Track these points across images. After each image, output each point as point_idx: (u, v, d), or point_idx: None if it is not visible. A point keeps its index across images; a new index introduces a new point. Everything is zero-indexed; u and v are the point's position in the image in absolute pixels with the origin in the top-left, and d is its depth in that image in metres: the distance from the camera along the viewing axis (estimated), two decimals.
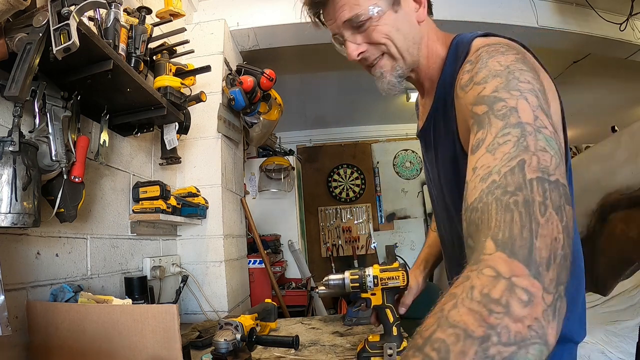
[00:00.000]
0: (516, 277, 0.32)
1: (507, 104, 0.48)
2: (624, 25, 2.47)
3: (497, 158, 0.43)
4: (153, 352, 0.77)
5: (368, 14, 0.68)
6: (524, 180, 0.40)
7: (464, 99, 0.58)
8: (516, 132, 0.45)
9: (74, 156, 0.96)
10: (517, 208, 0.37)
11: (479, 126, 0.50)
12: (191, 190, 1.74)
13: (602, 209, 1.33)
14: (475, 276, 0.33)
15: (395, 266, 0.92)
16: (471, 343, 0.29)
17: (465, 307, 0.32)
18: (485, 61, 0.58)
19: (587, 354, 2.07)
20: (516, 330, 0.30)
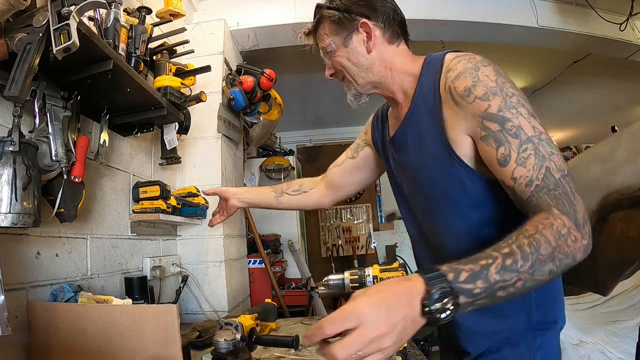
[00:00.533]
0: (572, 229, 0.60)
1: (514, 123, 0.67)
2: (624, 25, 2.47)
3: (529, 169, 0.65)
4: (153, 352, 0.77)
5: (328, 49, 0.89)
6: (556, 180, 0.63)
7: (469, 109, 0.71)
8: (530, 146, 0.65)
9: (74, 156, 0.96)
10: (562, 197, 0.62)
11: (497, 142, 0.68)
12: (191, 190, 1.74)
13: (602, 209, 1.33)
14: (554, 220, 0.59)
15: (395, 266, 0.92)
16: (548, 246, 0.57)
17: (549, 231, 0.58)
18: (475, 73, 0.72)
19: (587, 354, 2.07)
20: (569, 250, 0.58)
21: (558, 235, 0.57)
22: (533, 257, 0.55)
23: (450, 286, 0.51)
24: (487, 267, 0.53)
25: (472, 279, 0.52)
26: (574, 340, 2.14)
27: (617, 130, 2.48)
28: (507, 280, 0.53)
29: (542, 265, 0.55)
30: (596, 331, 2.19)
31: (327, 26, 0.88)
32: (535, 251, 0.55)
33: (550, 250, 0.56)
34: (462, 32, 2.43)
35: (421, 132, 0.82)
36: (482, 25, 2.37)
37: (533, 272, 0.55)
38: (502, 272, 0.53)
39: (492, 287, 0.53)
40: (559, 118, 5.09)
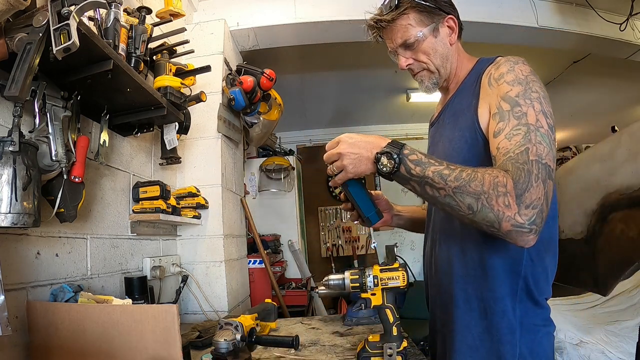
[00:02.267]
0: (510, 194, 0.66)
1: (522, 110, 0.75)
2: (624, 25, 2.46)
3: (512, 143, 0.72)
4: (153, 352, 0.77)
5: (415, 38, 0.93)
6: (528, 159, 0.68)
7: (496, 89, 0.81)
8: (524, 129, 0.72)
9: (74, 156, 0.96)
10: (523, 171, 0.67)
11: (500, 118, 0.77)
12: (191, 190, 1.74)
13: (602, 209, 1.33)
14: (500, 175, 0.67)
15: (396, 266, 0.92)
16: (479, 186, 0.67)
17: (488, 178, 0.67)
18: (512, 65, 0.82)
19: (587, 354, 2.07)
20: (493, 204, 0.66)
21: (493, 186, 0.66)
22: (463, 183, 0.67)
23: (399, 156, 0.72)
24: (430, 164, 0.71)
25: (416, 163, 0.72)
26: (574, 340, 2.14)
27: (617, 130, 2.48)
28: (436, 183, 0.70)
29: (465, 194, 0.67)
30: (596, 331, 2.19)
31: (414, 17, 0.92)
32: (468, 182, 0.67)
33: (479, 190, 0.66)
34: (462, 32, 2.42)
35: (457, 111, 0.93)
36: (482, 25, 2.36)
37: (455, 192, 0.68)
38: (436, 174, 0.70)
39: (424, 179, 0.71)
40: (559, 118, 5.09)
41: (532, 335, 0.84)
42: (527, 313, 0.83)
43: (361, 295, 0.92)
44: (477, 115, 0.84)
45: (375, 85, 3.71)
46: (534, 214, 0.65)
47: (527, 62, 0.84)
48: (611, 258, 1.31)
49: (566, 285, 1.59)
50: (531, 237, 0.66)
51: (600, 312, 2.48)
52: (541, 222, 0.66)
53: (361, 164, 0.76)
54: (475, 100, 0.86)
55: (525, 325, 0.83)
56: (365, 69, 3.35)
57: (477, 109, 0.85)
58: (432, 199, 0.72)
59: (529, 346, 0.83)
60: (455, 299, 0.89)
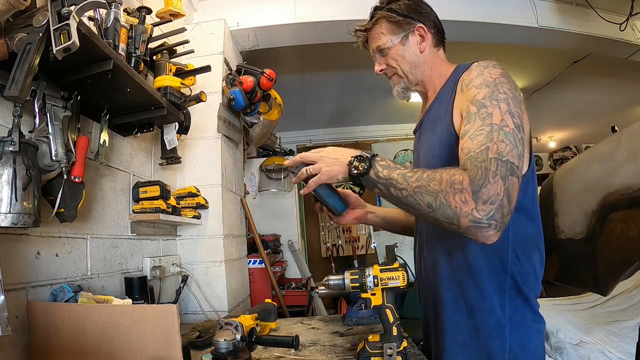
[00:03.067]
0: (466, 191, 0.68)
1: (487, 110, 0.77)
2: (624, 25, 2.46)
3: (474, 144, 0.73)
4: (153, 352, 0.77)
5: (385, 45, 1.01)
6: (487, 157, 0.70)
7: (466, 94, 0.84)
8: (487, 129, 0.74)
9: (74, 156, 0.96)
10: (480, 169, 0.69)
11: (468, 121, 0.79)
12: (191, 190, 1.74)
13: (602, 209, 1.33)
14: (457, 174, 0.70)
15: (396, 266, 0.92)
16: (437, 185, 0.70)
17: (446, 177, 0.70)
18: (482, 70, 0.85)
19: (587, 354, 2.07)
20: (450, 200, 0.68)
21: (450, 184, 0.69)
22: (423, 183, 0.72)
23: (370, 162, 0.79)
24: (396, 168, 0.77)
25: (384, 167, 0.78)
26: (574, 340, 2.14)
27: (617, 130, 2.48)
28: (399, 184, 0.75)
29: (424, 193, 0.71)
30: (596, 331, 2.19)
31: (385, 26, 1.01)
32: (427, 181, 0.72)
33: (436, 189, 0.70)
34: (462, 32, 2.42)
35: (436, 118, 0.96)
36: (482, 25, 2.36)
37: (415, 192, 0.72)
38: (400, 176, 0.75)
39: (389, 180, 0.76)
40: (559, 118, 5.09)
41: (522, 331, 0.85)
42: (516, 310, 0.85)
43: (361, 295, 0.92)
44: (453, 122, 0.89)
45: (375, 85, 3.71)
46: (492, 209, 0.66)
47: (500, 65, 0.86)
48: (611, 258, 1.30)
49: (566, 285, 1.59)
50: (491, 233, 0.67)
51: (600, 312, 2.48)
52: (501, 218, 0.66)
53: (335, 166, 0.84)
54: (451, 107, 0.90)
55: (515, 321, 0.85)
56: (365, 69, 3.34)
57: (452, 116, 0.89)
58: (396, 200, 0.77)
59: (520, 342, 0.84)
60: (443, 300, 0.91)
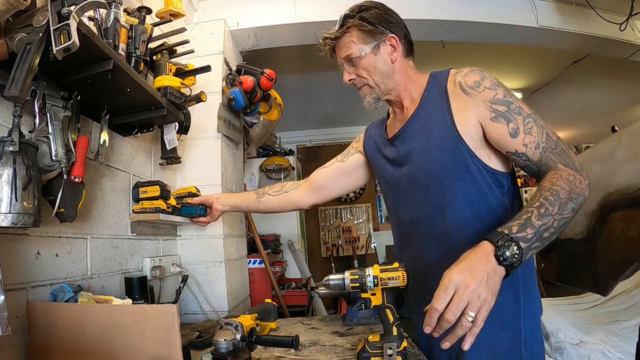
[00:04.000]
0: (576, 175, 0.79)
1: (516, 105, 0.87)
2: (624, 25, 2.47)
3: (535, 136, 0.85)
4: (153, 352, 0.77)
5: (355, 55, 0.99)
6: (554, 141, 0.85)
7: (477, 96, 0.89)
8: (531, 120, 0.87)
9: (74, 156, 0.96)
10: (563, 153, 0.84)
11: (506, 119, 0.87)
12: (191, 190, 1.74)
13: (602, 209, 1.33)
14: (562, 172, 0.80)
15: (395, 266, 0.92)
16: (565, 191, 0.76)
17: (562, 181, 0.77)
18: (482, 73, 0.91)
19: (587, 354, 2.07)
20: (579, 190, 0.77)
21: (568, 182, 0.77)
22: (558, 202, 0.74)
23: (511, 237, 0.69)
24: (529, 219, 0.72)
25: (522, 228, 0.70)
26: (574, 340, 2.14)
27: (617, 130, 2.48)
28: (547, 223, 0.72)
29: (566, 205, 0.74)
30: (596, 331, 2.18)
31: (356, 35, 0.99)
32: (558, 197, 0.74)
33: (568, 193, 0.75)
34: (462, 32, 2.43)
35: (429, 123, 0.96)
36: (482, 25, 2.37)
37: (561, 212, 0.74)
38: (541, 218, 0.72)
39: (539, 230, 0.71)
40: (559, 118, 5.09)
41: (532, 320, 0.92)
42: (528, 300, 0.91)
43: (361, 295, 0.92)
44: (456, 125, 0.91)
45: None
46: (585, 170, 0.82)
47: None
48: (611, 258, 1.31)
49: (566, 285, 1.59)
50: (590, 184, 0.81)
51: (600, 312, 2.48)
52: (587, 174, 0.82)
53: (495, 280, 0.67)
54: (448, 111, 0.92)
55: (527, 312, 0.90)
56: None
57: (455, 123, 0.91)
58: (551, 235, 0.73)
59: (531, 332, 0.91)
60: None
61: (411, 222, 1.03)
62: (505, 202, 0.93)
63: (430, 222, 0.97)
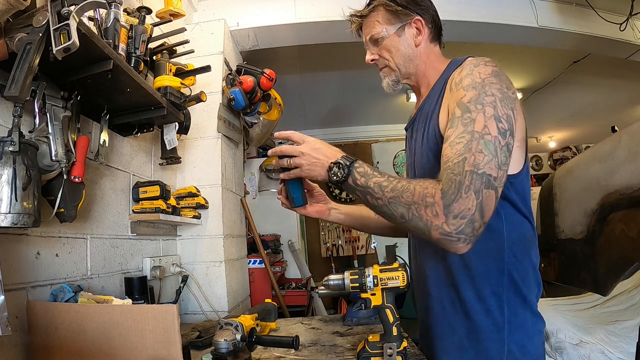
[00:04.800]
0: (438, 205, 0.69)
1: (471, 116, 0.75)
2: (624, 25, 2.46)
3: (453, 152, 0.73)
4: (153, 352, 0.77)
5: (379, 35, 0.97)
6: (462, 170, 0.69)
7: (454, 94, 0.82)
8: (468, 137, 0.72)
9: (74, 156, 0.96)
10: (454, 182, 0.69)
11: (451, 124, 0.78)
12: (191, 190, 1.74)
13: (602, 209, 1.33)
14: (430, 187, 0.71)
15: (395, 266, 0.92)
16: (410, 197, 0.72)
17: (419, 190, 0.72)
18: (472, 69, 0.82)
19: (587, 354, 2.07)
20: (422, 213, 0.70)
21: (422, 197, 0.71)
22: (397, 194, 0.74)
23: (349, 168, 0.79)
24: (373, 176, 0.77)
25: (361, 174, 0.78)
26: (574, 340, 2.14)
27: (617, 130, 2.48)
28: (375, 193, 0.76)
29: (398, 204, 0.73)
30: (596, 331, 2.18)
31: (382, 14, 0.96)
32: (401, 192, 0.73)
33: (409, 201, 0.72)
34: (462, 32, 2.42)
35: (427, 115, 0.94)
36: (482, 25, 2.36)
37: (390, 202, 0.74)
38: (376, 185, 0.76)
39: (366, 188, 0.77)
40: (559, 118, 5.09)
41: (522, 333, 0.84)
42: (515, 311, 0.83)
43: (361, 296, 0.92)
44: (439, 121, 0.87)
45: (375, 85, 3.68)
46: (462, 224, 0.67)
47: (493, 62, 0.83)
48: (611, 258, 1.31)
49: (566, 285, 1.59)
50: (460, 246, 0.69)
51: (600, 312, 2.48)
52: (472, 232, 0.67)
53: (316, 168, 0.83)
54: (439, 106, 0.89)
55: (514, 323, 0.83)
56: (365, 69, 3.33)
57: (438, 115, 0.88)
58: (373, 207, 0.78)
59: (520, 343, 0.83)
60: (442, 302, 0.90)
61: None
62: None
63: None
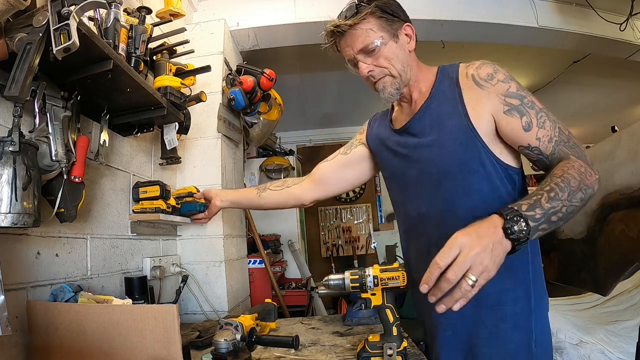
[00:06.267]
0: (587, 168, 0.80)
1: (529, 99, 0.87)
2: (624, 25, 2.46)
3: (548, 130, 0.86)
4: (153, 352, 0.77)
5: (376, 43, 0.93)
6: (566, 135, 0.86)
7: (492, 89, 0.89)
8: (544, 114, 0.87)
9: (74, 156, 0.96)
10: (575, 146, 0.85)
11: (519, 113, 0.87)
12: (191, 190, 1.74)
13: (602, 209, 1.33)
14: (574, 163, 0.80)
15: (396, 266, 0.92)
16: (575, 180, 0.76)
17: (573, 171, 0.78)
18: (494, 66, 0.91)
19: (587, 354, 2.07)
20: (589, 182, 0.78)
21: (579, 172, 0.78)
22: (568, 189, 0.75)
23: (520, 213, 0.70)
24: (539, 200, 0.73)
25: (531, 208, 0.71)
26: (574, 340, 2.14)
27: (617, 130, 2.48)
28: (555, 207, 0.73)
29: (575, 194, 0.75)
30: (596, 331, 2.18)
31: (375, 23, 0.93)
32: (568, 185, 0.75)
33: (578, 183, 0.76)
34: (462, 32, 2.42)
35: (440, 115, 0.94)
36: (482, 25, 2.36)
37: (570, 199, 0.74)
38: (550, 202, 0.73)
39: (547, 212, 0.72)
40: (559, 118, 5.08)
41: (543, 320, 0.92)
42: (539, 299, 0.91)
43: (361, 295, 0.92)
44: (470, 118, 0.89)
45: None
46: (596, 165, 0.82)
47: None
48: (611, 258, 1.31)
49: (566, 285, 1.59)
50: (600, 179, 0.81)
51: (600, 312, 2.48)
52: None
53: (499, 250, 0.68)
54: (461, 104, 0.91)
55: (537, 311, 0.90)
56: None
57: (469, 116, 0.89)
58: (559, 220, 0.74)
59: (542, 331, 0.91)
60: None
61: (419, 216, 0.99)
62: (517, 198, 0.90)
63: (441, 217, 0.94)
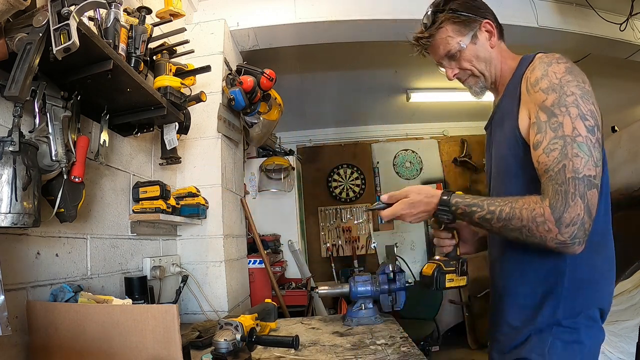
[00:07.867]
0: (549, 221, 0.73)
1: (558, 120, 0.77)
2: (624, 25, 2.46)
3: (550, 160, 0.76)
4: (153, 352, 0.77)
5: (456, 49, 0.96)
6: (565, 178, 0.73)
7: (532, 96, 0.84)
8: (561, 143, 0.76)
9: (74, 156, 0.96)
10: (560, 194, 0.73)
11: (539, 129, 0.80)
12: (191, 190, 1.74)
13: None
14: (537, 207, 0.74)
15: None
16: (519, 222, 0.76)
17: (526, 212, 0.75)
18: (546, 68, 0.83)
19: None
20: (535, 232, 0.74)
21: (531, 219, 0.75)
22: (504, 223, 0.78)
23: (451, 211, 0.86)
24: (474, 212, 0.82)
25: (463, 216, 0.85)
26: None
27: (617, 130, 2.48)
28: (485, 226, 0.82)
29: (509, 231, 0.78)
30: None
31: (451, 28, 0.96)
32: (508, 220, 0.77)
33: (519, 225, 0.76)
34: None
35: (504, 114, 0.95)
36: None
37: (501, 231, 0.80)
38: (481, 219, 0.81)
39: (472, 223, 0.84)
40: None
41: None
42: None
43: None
44: (518, 121, 0.88)
45: (375, 85, 3.70)
46: (574, 230, 0.72)
47: (564, 58, 0.85)
48: None
49: None
50: (577, 248, 0.74)
51: None
52: (583, 233, 0.72)
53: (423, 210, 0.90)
54: (517, 105, 0.89)
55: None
56: (365, 69, 3.35)
57: (517, 114, 0.88)
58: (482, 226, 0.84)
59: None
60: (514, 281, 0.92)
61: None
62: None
63: None
